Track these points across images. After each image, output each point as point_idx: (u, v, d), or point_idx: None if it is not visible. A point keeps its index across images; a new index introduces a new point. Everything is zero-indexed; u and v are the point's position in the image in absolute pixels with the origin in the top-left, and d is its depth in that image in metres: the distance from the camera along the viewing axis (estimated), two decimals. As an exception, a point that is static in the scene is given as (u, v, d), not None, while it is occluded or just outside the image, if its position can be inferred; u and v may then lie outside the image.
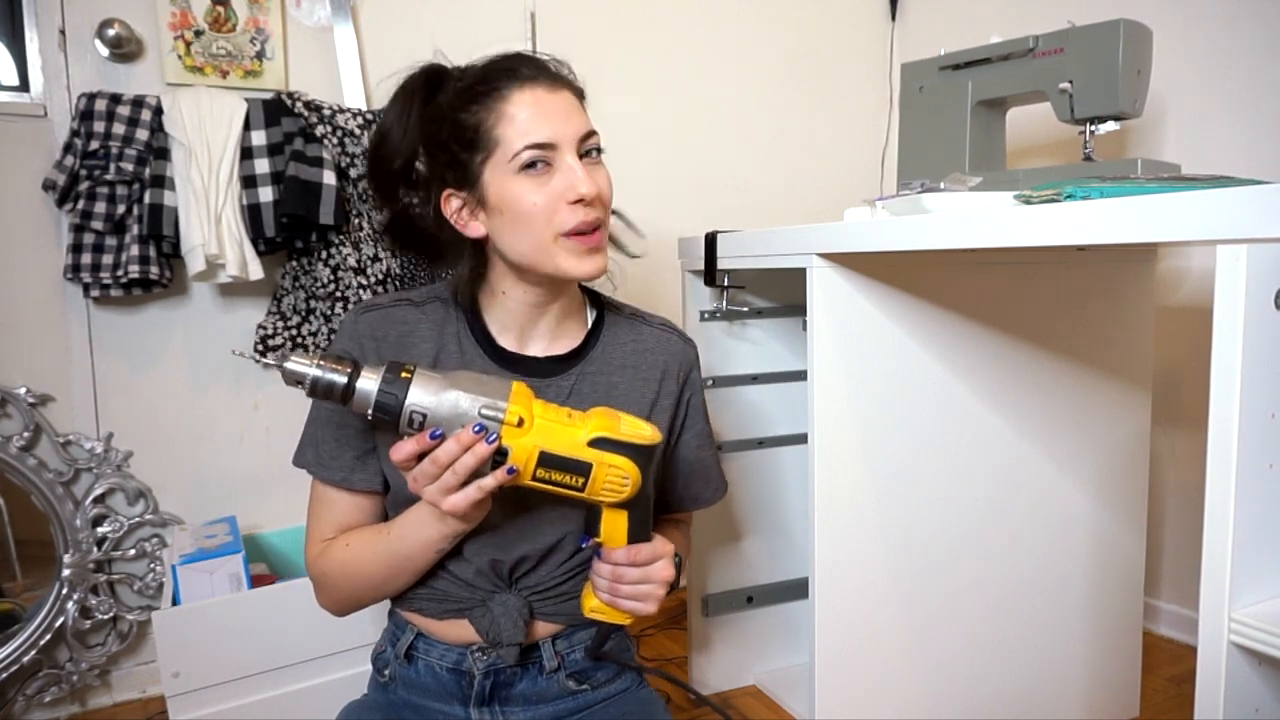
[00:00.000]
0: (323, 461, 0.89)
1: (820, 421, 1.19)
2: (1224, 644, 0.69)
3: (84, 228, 1.50)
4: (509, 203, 0.82)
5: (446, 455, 0.74)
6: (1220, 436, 0.67)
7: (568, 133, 0.83)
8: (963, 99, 1.52)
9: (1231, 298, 0.66)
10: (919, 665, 1.30)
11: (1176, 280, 1.80)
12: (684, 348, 1.00)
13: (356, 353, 0.87)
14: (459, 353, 0.89)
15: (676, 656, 1.77)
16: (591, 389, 0.92)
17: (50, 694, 1.57)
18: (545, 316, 0.91)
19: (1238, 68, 1.67)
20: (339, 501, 0.90)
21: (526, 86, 0.82)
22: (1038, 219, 0.84)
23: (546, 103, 0.83)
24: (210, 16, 1.62)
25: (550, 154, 0.82)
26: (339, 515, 0.90)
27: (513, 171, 0.81)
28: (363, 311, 0.89)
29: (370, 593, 0.90)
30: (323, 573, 0.90)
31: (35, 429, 1.55)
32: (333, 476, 0.89)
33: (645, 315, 1.01)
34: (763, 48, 2.23)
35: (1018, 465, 1.34)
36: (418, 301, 0.91)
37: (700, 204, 2.16)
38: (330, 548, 0.89)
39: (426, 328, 0.89)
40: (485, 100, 0.82)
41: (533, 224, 0.82)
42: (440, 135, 0.84)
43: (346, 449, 0.89)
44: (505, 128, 0.81)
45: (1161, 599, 1.86)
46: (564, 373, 0.91)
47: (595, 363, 0.93)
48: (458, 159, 0.83)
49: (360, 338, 0.88)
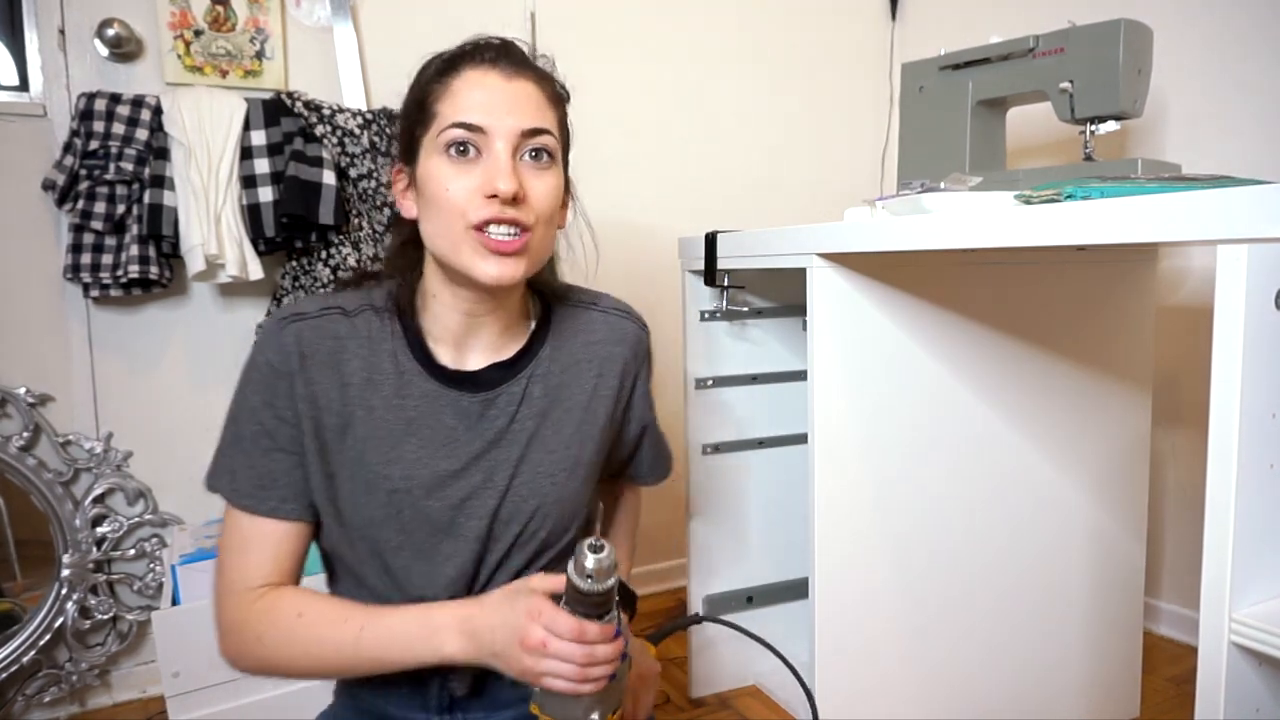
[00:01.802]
0: (246, 488, 0.78)
1: (820, 421, 1.19)
2: (1224, 644, 0.69)
3: (84, 228, 1.50)
4: (428, 184, 0.76)
5: (605, 654, 0.70)
6: (1220, 436, 0.67)
7: (506, 122, 0.75)
8: (963, 99, 1.52)
9: (1232, 298, 0.66)
10: (919, 665, 1.30)
11: (1176, 280, 1.80)
12: (637, 332, 0.93)
13: (282, 367, 0.77)
14: (395, 372, 0.80)
15: (677, 656, 1.77)
16: (542, 392, 0.85)
17: (50, 694, 1.57)
18: (484, 328, 0.83)
19: (1238, 68, 1.67)
20: (270, 536, 0.79)
21: (480, 67, 0.78)
22: (1038, 219, 0.83)
23: (494, 87, 0.77)
24: (210, 16, 1.62)
25: (479, 139, 0.75)
26: (271, 552, 0.79)
27: (439, 149, 0.76)
28: (289, 321, 0.78)
29: (317, 675, 0.80)
30: (258, 634, 0.77)
31: (35, 429, 1.55)
32: (260, 507, 0.78)
33: (597, 300, 0.94)
34: (763, 47, 2.23)
35: (1018, 465, 1.34)
36: (349, 310, 0.81)
37: (700, 204, 2.16)
38: (271, 608, 0.77)
39: (357, 343, 0.80)
40: (442, 76, 0.78)
41: (444, 211, 0.75)
42: (405, 109, 0.82)
43: (278, 472, 0.78)
44: (444, 102, 0.76)
45: (1161, 599, 1.86)
46: (512, 379, 0.84)
47: (544, 364, 0.86)
48: (408, 131, 0.80)
49: (286, 352, 0.77)
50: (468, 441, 0.82)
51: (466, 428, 0.82)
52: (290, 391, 0.77)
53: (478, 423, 0.82)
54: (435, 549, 0.81)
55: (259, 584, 0.78)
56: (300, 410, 0.78)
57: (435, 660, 0.75)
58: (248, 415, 0.78)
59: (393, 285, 0.84)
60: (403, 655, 0.75)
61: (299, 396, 0.77)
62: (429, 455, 0.80)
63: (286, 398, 0.77)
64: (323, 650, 0.76)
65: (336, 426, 0.79)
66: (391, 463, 0.79)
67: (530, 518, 0.83)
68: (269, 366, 0.77)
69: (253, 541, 0.79)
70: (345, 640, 0.75)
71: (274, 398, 0.77)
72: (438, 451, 0.81)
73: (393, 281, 0.84)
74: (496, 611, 0.73)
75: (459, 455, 0.81)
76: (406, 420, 0.80)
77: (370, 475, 0.79)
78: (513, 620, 0.71)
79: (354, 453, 0.79)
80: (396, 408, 0.80)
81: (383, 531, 0.80)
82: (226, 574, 0.79)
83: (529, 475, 0.83)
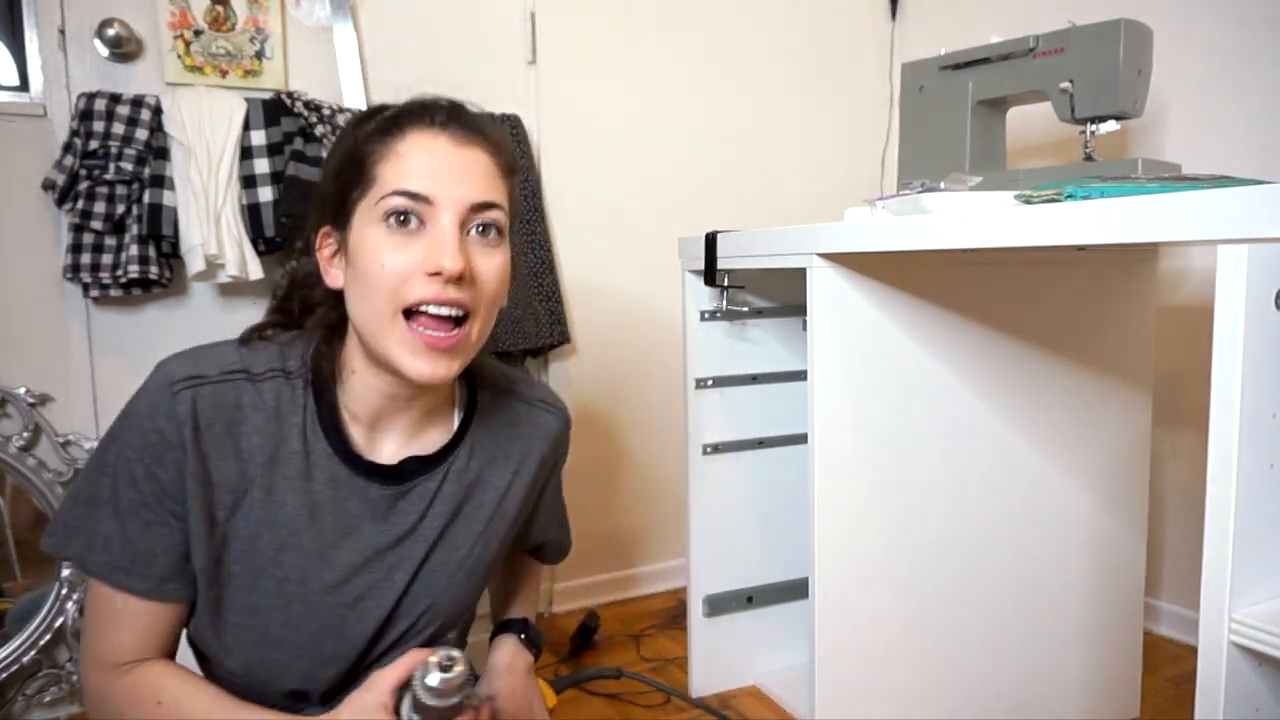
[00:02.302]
0: (120, 564, 0.70)
1: (820, 421, 1.19)
2: (1224, 644, 0.69)
3: (84, 227, 1.50)
4: (363, 254, 0.68)
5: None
6: (1220, 436, 0.67)
7: (454, 193, 0.68)
8: (963, 99, 1.52)
9: (1232, 298, 0.66)
10: (919, 665, 1.30)
11: (1177, 280, 1.80)
12: (559, 427, 0.88)
13: (173, 438, 0.69)
14: (302, 451, 0.72)
15: (677, 657, 1.77)
16: (456, 489, 0.79)
17: (50, 694, 1.57)
18: (404, 414, 0.76)
19: (1238, 68, 1.67)
20: (142, 615, 0.71)
21: (429, 130, 0.70)
22: (1038, 219, 0.83)
23: (443, 153, 0.69)
24: (210, 16, 1.62)
25: (424, 209, 0.67)
26: (141, 631, 0.72)
27: (377, 218, 0.68)
28: (183, 386, 0.69)
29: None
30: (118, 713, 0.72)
31: (35, 429, 1.55)
32: (138, 587, 0.70)
33: (525, 391, 0.88)
34: (763, 47, 2.23)
35: (1018, 465, 1.34)
36: (256, 375, 0.72)
37: (700, 204, 2.16)
38: (132, 689, 0.71)
39: (262, 417, 0.72)
40: (384, 135, 0.71)
41: (376, 288, 0.67)
42: (337, 165, 0.73)
43: (159, 550, 0.70)
44: (386, 165, 0.69)
45: (1161, 599, 1.86)
46: (429, 474, 0.78)
47: (462, 459, 0.79)
48: (341, 192, 0.71)
49: (179, 421, 0.68)
50: (372, 535, 0.75)
51: (373, 519, 0.75)
52: (180, 465, 0.69)
53: (386, 515, 0.76)
54: (319, 647, 0.75)
55: (127, 660, 0.72)
56: (189, 487, 0.70)
57: None
58: (126, 482, 0.69)
59: (310, 347, 0.75)
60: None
61: (189, 472, 0.69)
62: (329, 547, 0.74)
63: (174, 470, 0.69)
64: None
65: (228, 505, 0.72)
66: (286, 549, 0.73)
67: (421, 615, 0.79)
68: (157, 434, 0.69)
69: (122, 618, 0.71)
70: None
71: (159, 469, 0.69)
72: (338, 543, 0.74)
73: (309, 345, 0.76)
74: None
75: (360, 549, 0.75)
76: (310, 505, 0.73)
77: (262, 561, 0.72)
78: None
79: (246, 534, 0.72)
80: (300, 490, 0.73)
81: (267, 623, 0.73)
82: (94, 647, 0.73)
83: (428, 574, 0.78)
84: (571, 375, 2.03)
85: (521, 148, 1.89)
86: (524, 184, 1.89)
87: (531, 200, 1.90)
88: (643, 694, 1.63)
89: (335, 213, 0.73)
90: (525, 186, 1.89)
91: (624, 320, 2.09)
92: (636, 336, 2.10)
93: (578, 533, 1.04)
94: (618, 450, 2.10)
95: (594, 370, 2.06)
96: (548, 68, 1.97)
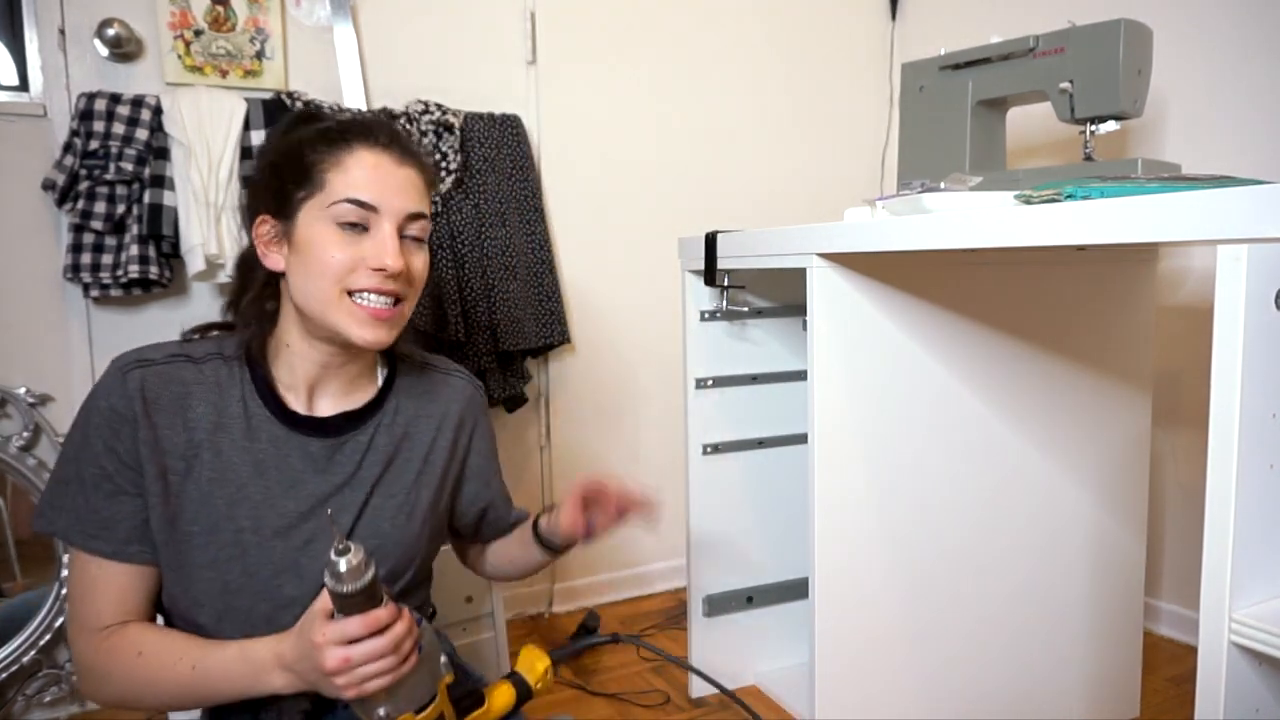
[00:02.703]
0: (89, 530, 0.79)
1: (820, 421, 1.19)
2: (1224, 644, 0.69)
3: (84, 228, 1.50)
4: (312, 247, 0.80)
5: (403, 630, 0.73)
6: (1220, 436, 0.67)
7: (394, 204, 0.82)
8: (963, 99, 1.52)
9: (1231, 298, 0.66)
10: (919, 665, 1.30)
11: (1176, 280, 1.80)
12: (470, 390, 1.00)
13: (126, 413, 0.79)
14: (243, 416, 0.83)
15: (677, 656, 1.77)
16: (387, 442, 0.90)
17: (50, 694, 1.57)
18: (335, 379, 0.88)
19: (1238, 68, 1.67)
20: (115, 578, 0.80)
21: (374, 148, 0.82)
22: (1038, 219, 0.84)
23: (385, 169, 0.82)
24: (210, 16, 1.62)
25: (369, 216, 0.81)
26: (115, 595, 0.81)
27: (328, 219, 0.80)
28: (132, 367, 0.81)
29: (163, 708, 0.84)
30: (106, 672, 0.80)
31: (35, 429, 1.55)
32: (104, 549, 0.79)
33: (437, 363, 1.00)
34: (763, 47, 2.23)
35: (1017, 465, 1.34)
36: (196, 358, 0.84)
37: (700, 204, 2.16)
38: (115, 647, 0.79)
39: (204, 389, 0.83)
40: (329, 143, 0.81)
41: (324, 274, 0.80)
42: (277, 161, 0.83)
43: (121, 516, 0.80)
44: (335, 175, 0.80)
45: (1161, 599, 1.86)
46: (359, 428, 0.89)
47: (389, 415, 0.91)
48: (284, 188, 0.82)
49: (130, 397, 0.79)
50: (315, 485, 0.85)
51: (315, 471, 0.85)
52: (134, 436, 0.79)
53: (326, 467, 0.86)
54: (278, 590, 0.82)
55: (107, 624, 0.80)
56: (143, 454, 0.79)
57: (268, 693, 0.77)
58: (89, 459, 0.79)
59: (245, 335, 0.86)
60: (234, 690, 0.78)
61: (141, 441, 0.79)
62: (276, 497, 0.83)
63: (130, 441, 0.79)
64: (163, 688, 0.79)
65: (181, 470, 0.81)
66: (238, 503, 0.82)
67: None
68: (112, 411, 0.79)
69: (99, 583, 0.80)
70: (181, 678, 0.78)
71: (115, 442, 0.79)
72: (285, 494, 0.83)
73: (245, 331, 0.87)
74: (297, 647, 0.75)
75: (305, 498, 0.84)
76: (255, 463, 0.83)
77: (216, 516, 0.81)
78: (308, 652, 0.73)
79: (199, 494, 0.81)
80: (244, 449, 0.83)
81: (228, 573, 0.81)
82: (76, 617, 0.81)
83: (371, 518, 0.88)
84: (571, 375, 2.03)
85: (521, 148, 1.89)
86: (524, 184, 1.89)
87: (531, 200, 1.90)
88: (643, 694, 1.63)
89: (276, 205, 0.83)
90: (525, 186, 1.89)
91: (624, 320, 2.09)
92: (636, 336, 2.10)
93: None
94: (617, 450, 2.10)
95: (593, 370, 2.06)
96: (548, 68, 1.97)
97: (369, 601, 0.71)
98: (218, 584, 0.81)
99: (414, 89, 1.80)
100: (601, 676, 1.71)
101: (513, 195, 1.87)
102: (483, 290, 1.79)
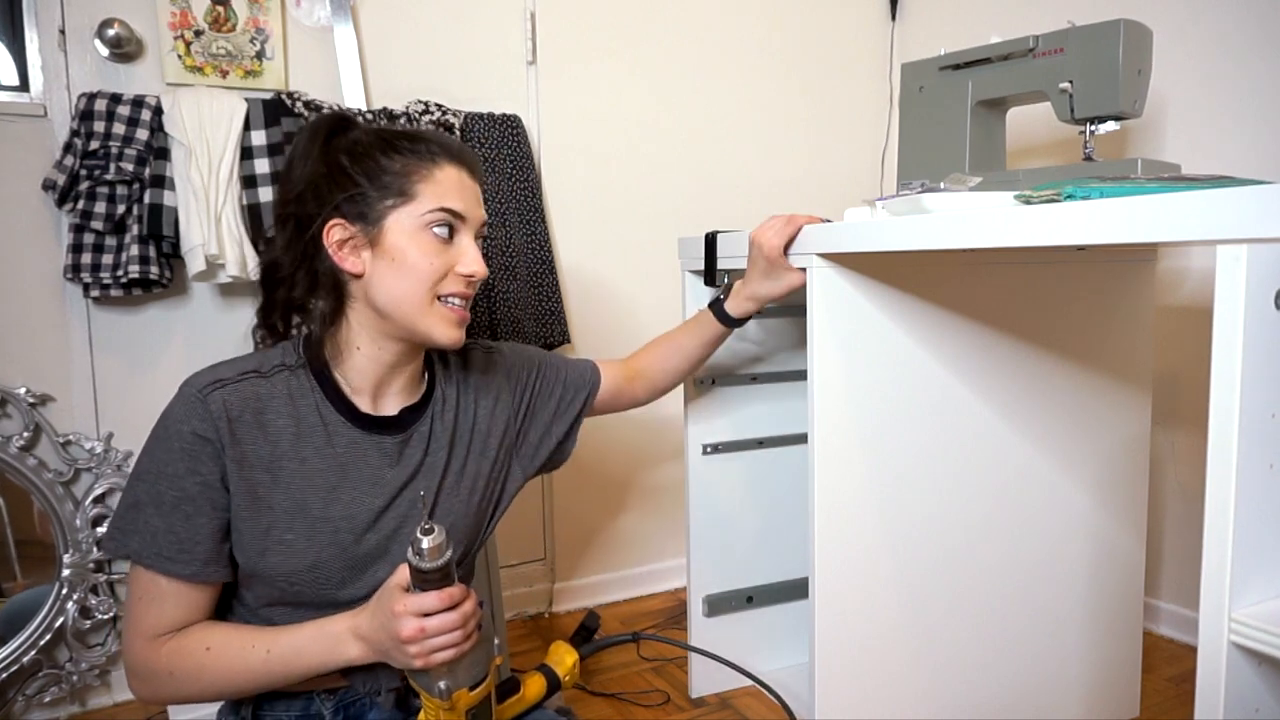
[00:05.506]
0: (167, 553, 0.81)
1: (820, 421, 1.19)
2: (1224, 644, 0.69)
3: (84, 228, 1.50)
4: (405, 252, 0.86)
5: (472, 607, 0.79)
6: (1220, 436, 0.67)
7: (476, 214, 0.91)
8: (963, 99, 1.52)
9: (1231, 298, 0.66)
10: (919, 665, 1.30)
11: (1176, 280, 1.80)
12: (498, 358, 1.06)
13: (210, 435, 0.81)
14: (320, 424, 0.87)
15: (677, 656, 1.77)
16: (443, 426, 0.96)
17: (50, 694, 1.57)
18: (399, 377, 0.93)
19: (1238, 68, 1.67)
20: (186, 594, 0.83)
21: (456, 164, 0.89)
22: (1038, 219, 0.83)
23: (467, 184, 0.90)
24: (210, 16, 1.62)
25: (458, 224, 0.88)
26: (186, 608, 0.84)
27: (420, 226, 0.86)
28: (211, 389, 0.83)
29: (228, 696, 0.88)
30: (168, 672, 0.82)
31: (35, 429, 1.55)
32: (183, 571, 0.82)
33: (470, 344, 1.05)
34: (763, 47, 2.23)
35: (1018, 465, 1.34)
36: (265, 372, 0.87)
37: (700, 204, 2.16)
38: (180, 648, 0.83)
39: (278, 402, 0.86)
40: (414, 156, 0.87)
41: (419, 279, 0.86)
42: (345, 165, 0.86)
43: (200, 537, 0.82)
44: (427, 185, 0.86)
45: (1161, 599, 1.86)
46: (419, 418, 0.94)
47: (438, 402, 0.97)
48: (363, 193, 0.86)
49: (214, 419, 0.81)
50: (393, 478, 0.90)
51: (390, 465, 0.91)
52: (218, 456, 0.82)
53: (399, 460, 0.91)
54: (374, 577, 0.88)
55: (169, 631, 0.84)
56: (230, 472, 0.82)
57: (341, 665, 0.83)
58: (169, 482, 0.81)
59: (294, 342, 0.91)
60: (311, 666, 0.83)
61: (229, 459, 0.82)
62: (363, 494, 0.88)
63: (214, 462, 0.82)
64: (234, 676, 0.83)
65: (267, 482, 0.84)
66: (331, 504, 0.86)
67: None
68: (194, 436, 0.81)
69: (169, 597, 0.83)
70: (255, 664, 0.82)
71: (198, 465, 0.81)
72: (370, 491, 0.89)
73: (291, 340, 0.92)
74: (374, 617, 0.80)
75: (386, 491, 0.90)
76: (339, 466, 0.88)
77: (312, 520, 0.85)
78: (385, 622, 0.78)
79: (291, 503, 0.85)
80: (327, 455, 0.87)
81: (329, 570, 0.86)
82: (138, 622, 0.84)
83: (445, 497, 0.95)
84: (571, 375, 2.03)
85: (521, 148, 1.89)
86: (524, 184, 1.89)
87: (531, 200, 1.90)
88: (643, 694, 1.63)
89: (352, 209, 0.86)
90: (525, 186, 1.89)
91: (624, 320, 2.09)
92: (636, 336, 2.10)
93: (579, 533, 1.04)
94: (618, 450, 2.10)
95: (594, 370, 2.06)
96: (548, 68, 1.97)
97: (444, 580, 0.76)
98: (319, 581, 0.86)
99: (414, 89, 1.80)
100: (602, 676, 1.71)
101: (513, 195, 1.87)
102: (482, 290, 1.79)
